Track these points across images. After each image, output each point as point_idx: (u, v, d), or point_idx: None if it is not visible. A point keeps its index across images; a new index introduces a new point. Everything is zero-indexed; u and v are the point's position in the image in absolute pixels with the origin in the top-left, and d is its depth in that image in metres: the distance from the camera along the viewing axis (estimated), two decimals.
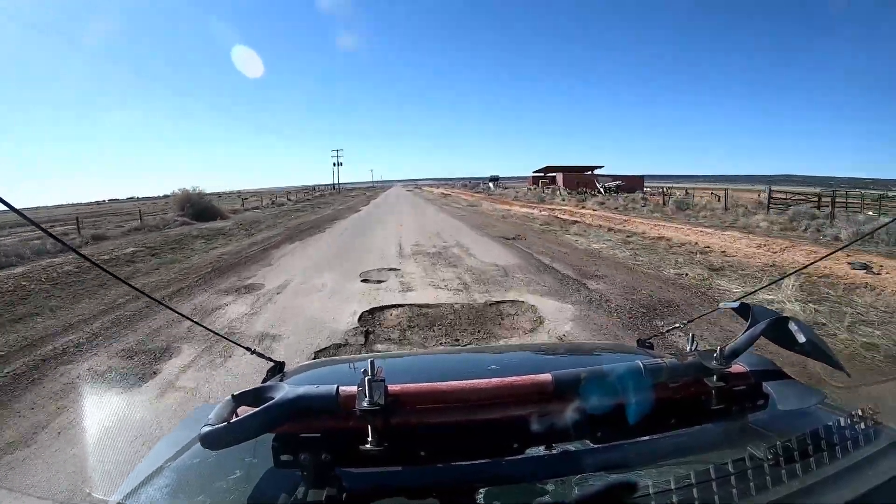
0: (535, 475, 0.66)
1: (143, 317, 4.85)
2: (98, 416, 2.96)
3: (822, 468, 0.61)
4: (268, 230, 14.14)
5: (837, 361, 0.77)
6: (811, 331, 0.77)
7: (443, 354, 1.60)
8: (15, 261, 8.67)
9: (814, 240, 9.42)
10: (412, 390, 0.66)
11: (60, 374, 3.45)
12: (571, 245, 9.43)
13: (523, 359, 1.37)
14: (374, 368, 0.64)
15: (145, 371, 3.42)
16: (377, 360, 0.66)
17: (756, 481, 0.58)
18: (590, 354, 1.45)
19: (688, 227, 11.57)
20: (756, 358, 0.82)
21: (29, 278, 7.14)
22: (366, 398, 0.62)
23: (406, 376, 0.71)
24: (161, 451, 0.79)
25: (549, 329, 4.13)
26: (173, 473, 0.72)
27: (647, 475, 0.64)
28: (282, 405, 0.61)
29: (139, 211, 18.85)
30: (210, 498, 0.66)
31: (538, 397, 0.67)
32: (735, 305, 0.89)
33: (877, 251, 7.34)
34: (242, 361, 3.39)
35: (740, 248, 8.36)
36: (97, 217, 24.25)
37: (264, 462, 0.65)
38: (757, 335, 0.77)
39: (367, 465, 0.63)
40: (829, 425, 0.66)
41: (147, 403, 2.90)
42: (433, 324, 4.32)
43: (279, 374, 1.13)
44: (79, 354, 3.87)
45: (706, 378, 0.72)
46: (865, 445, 0.64)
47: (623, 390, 0.68)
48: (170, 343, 3.99)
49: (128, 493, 0.67)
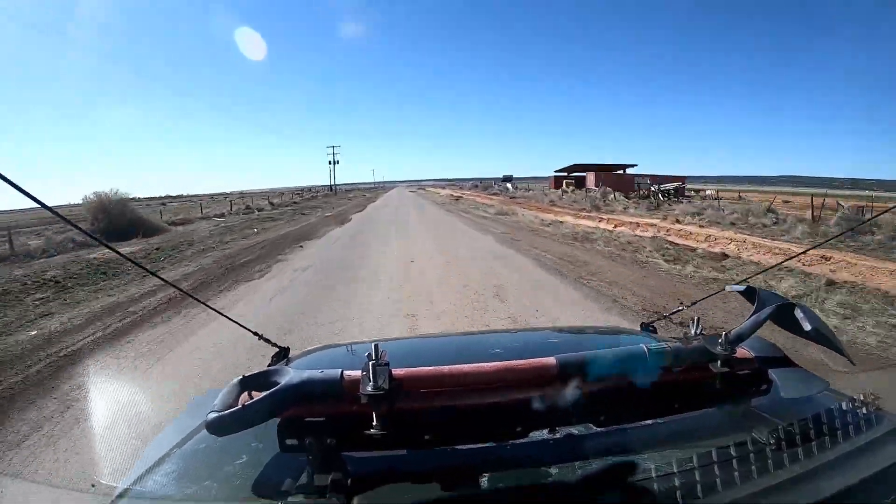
0: (539, 459, 0.67)
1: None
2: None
3: (823, 453, 0.61)
4: (186, 264, 8.55)
5: (842, 348, 0.76)
6: (817, 317, 0.76)
7: (447, 338, 1.59)
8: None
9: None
10: (416, 374, 0.66)
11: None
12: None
13: (527, 342, 1.36)
14: (378, 352, 0.63)
15: None
16: (381, 344, 0.66)
17: (758, 465, 0.58)
18: (594, 338, 1.44)
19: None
20: (761, 343, 0.82)
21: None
22: (370, 382, 0.62)
23: (410, 360, 0.72)
24: (167, 437, 0.79)
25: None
26: (180, 459, 0.72)
27: (650, 459, 0.64)
28: (287, 390, 0.61)
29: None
30: (217, 483, 0.66)
31: (542, 381, 0.66)
32: (741, 288, 0.88)
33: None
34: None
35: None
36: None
37: (270, 447, 0.66)
38: (763, 320, 0.76)
39: (371, 449, 0.63)
40: (830, 410, 0.66)
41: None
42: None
43: (284, 359, 1.12)
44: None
45: (710, 362, 0.72)
46: (867, 431, 0.64)
47: (627, 374, 0.68)
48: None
49: (135, 479, 0.68)
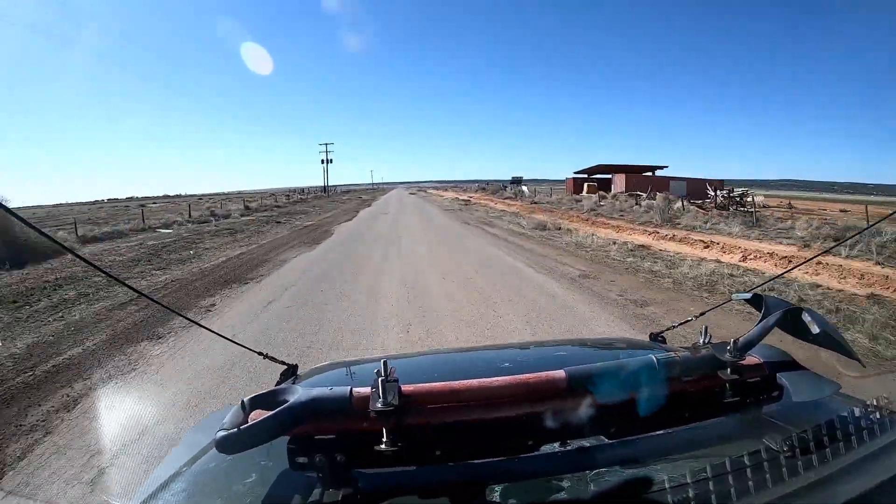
0: (550, 472, 0.66)
1: None
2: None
3: (837, 459, 0.60)
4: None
5: (852, 351, 0.76)
6: (825, 321, 0.76)
7: (455, 353, 1.59)
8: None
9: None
10: (425, 390, 0.66)
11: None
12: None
13: (536, 356, 1.36)
14: (387, 369, 0.63)
15: None
16: (390, 360, 0.66)
17: (772, 473, 0.57)
18: (602, 350, 1.44)
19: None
20: (770, 349, 0.82)
21: None
22: (379, 399, 0.62)
23: (419, 376, 0.71)
24: (176, 456, 0.79)
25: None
26: (189, 478, 0.72)
27: (662, 470, 0.64)
28: (296, 408, 0.61)
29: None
30: (226, 502, 0.66)
31: (552, 394, 0.66)
32: (748, 296, 0.89)
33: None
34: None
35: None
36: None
37: (279, 465, 0.65)
38: (770, 326, 0.76)
39: (382, 466, 0.63)
40: (843, 416, 0.65)
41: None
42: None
43: (292, 377, 1.12)
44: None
45: (720, 371, 0.72)
46: (881, 435, 0.64)
47: (637, 385, 0.67)
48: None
49: (144, 499, 0.68)
